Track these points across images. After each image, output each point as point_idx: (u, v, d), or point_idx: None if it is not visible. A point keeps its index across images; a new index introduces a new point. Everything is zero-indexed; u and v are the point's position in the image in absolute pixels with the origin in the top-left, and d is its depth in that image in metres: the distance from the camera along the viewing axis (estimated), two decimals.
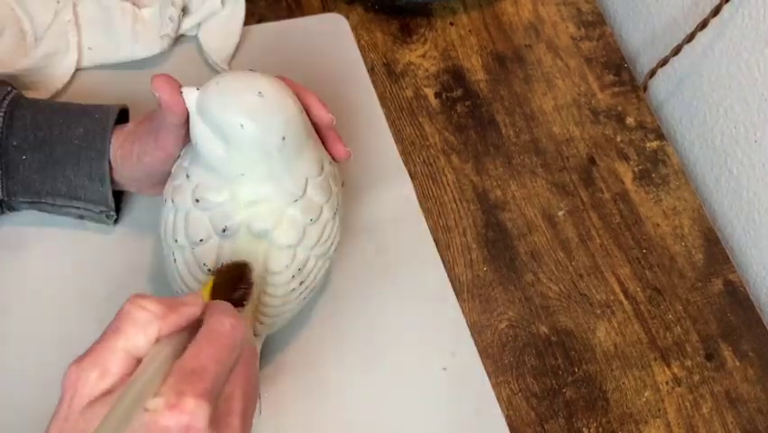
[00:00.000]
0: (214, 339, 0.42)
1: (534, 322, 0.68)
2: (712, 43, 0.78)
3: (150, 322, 0.42)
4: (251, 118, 0.50)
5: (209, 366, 0.41)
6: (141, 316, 0.42)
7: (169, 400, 0.39)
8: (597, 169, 0.77)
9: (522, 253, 0.71)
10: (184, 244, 0.54)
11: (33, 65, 0.69)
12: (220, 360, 0.42)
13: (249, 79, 0.52)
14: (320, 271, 0.58)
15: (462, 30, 0.82)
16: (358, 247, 0.68)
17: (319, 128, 0.57)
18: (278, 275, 0.55)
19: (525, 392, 0.65)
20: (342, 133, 0.74)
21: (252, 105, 0.51)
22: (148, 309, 0.42)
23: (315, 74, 0.76)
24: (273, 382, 0.62)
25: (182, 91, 0.52)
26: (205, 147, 0.52)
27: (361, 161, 0.72)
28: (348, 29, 0.79)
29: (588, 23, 0.85)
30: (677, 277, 0.72)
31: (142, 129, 0.58)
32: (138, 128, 0.59)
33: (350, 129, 0.74)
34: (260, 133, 0.51)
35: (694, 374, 0.68)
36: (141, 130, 0.58)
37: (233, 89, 0.51)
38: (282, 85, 0.53)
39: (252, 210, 0.53)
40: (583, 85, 0.81)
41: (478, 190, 0.74)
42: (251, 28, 0.77)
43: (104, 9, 0.70)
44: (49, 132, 0.59)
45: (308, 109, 0.56)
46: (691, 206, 0.76)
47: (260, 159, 0.52)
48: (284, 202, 0.54)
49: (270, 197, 0.53)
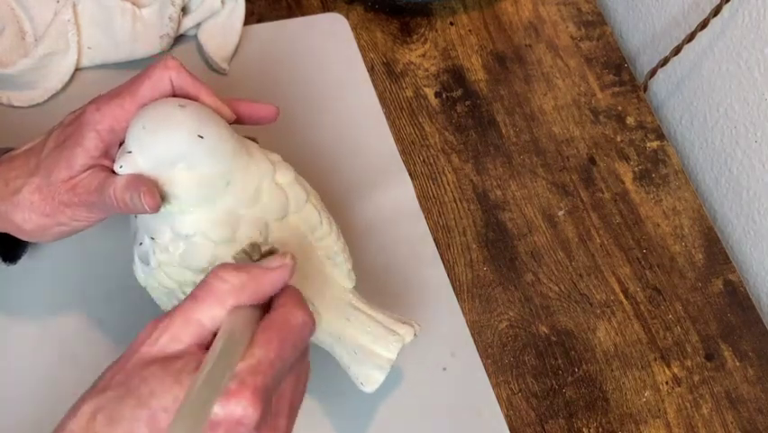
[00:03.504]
0: (285, 332, 0.41)
1: (534, 322, 0.68)
2: (712, 43, 0.78)
3: (229, 294, 0.41)
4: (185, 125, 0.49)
5: (275, 361, 0.40)
6: (220, 287, 0.42)
7: (230, 387, 0.38)
8: (597, 169, 0.77)
9: (522, 253, 0.71)
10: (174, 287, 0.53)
11: (33, 65, 0.69)
12: (285, 356, 0.41)
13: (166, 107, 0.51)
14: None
15: (462, 30, 0.82)
16: (358, 247, 0.68)
17: (242, 119, 0.55)
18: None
19: (525, 392, 0.65)
20: (342, 132, 0.74)
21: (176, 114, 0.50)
22: (227, 281, 0.42)
23: (314, 74, 0.76)
24: None
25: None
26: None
27: (361, 160, 0.72)
28: (348, 29, 0.79)
29: (588, 22, 0.85)
30: (677, 277, 0.72)
31: (63, 199, 0.52)
32: (51, 197, 0.52)
33: (350, 129, 0.74)
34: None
35: (694, 374, 0.68)
36: (59, 200, 0.52)
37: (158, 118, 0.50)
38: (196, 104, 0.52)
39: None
40: (583, 85, 0.81)
41: (478, 190, 0.74)
42: (251, 28, 0.77)
43: (104, 9, 0.70)
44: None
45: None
46: (691, 206, 0.76)
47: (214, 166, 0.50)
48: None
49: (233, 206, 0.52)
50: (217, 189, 0.51)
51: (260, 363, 0.39)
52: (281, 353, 0.41)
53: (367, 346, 0.55)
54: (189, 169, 0.49)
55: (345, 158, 0.72)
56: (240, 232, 0.51)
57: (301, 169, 0.56)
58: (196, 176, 0.50)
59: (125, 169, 0.49)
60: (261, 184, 0.52)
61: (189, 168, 0.49)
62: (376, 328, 0.55)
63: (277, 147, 0.56)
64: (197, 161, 0.49)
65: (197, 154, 0.49)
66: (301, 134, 0.72)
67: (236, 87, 0.73)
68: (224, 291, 0.42)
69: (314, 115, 0.74)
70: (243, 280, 0.42)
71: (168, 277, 0.52)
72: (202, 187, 0.50)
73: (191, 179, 0.50)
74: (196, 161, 0.49)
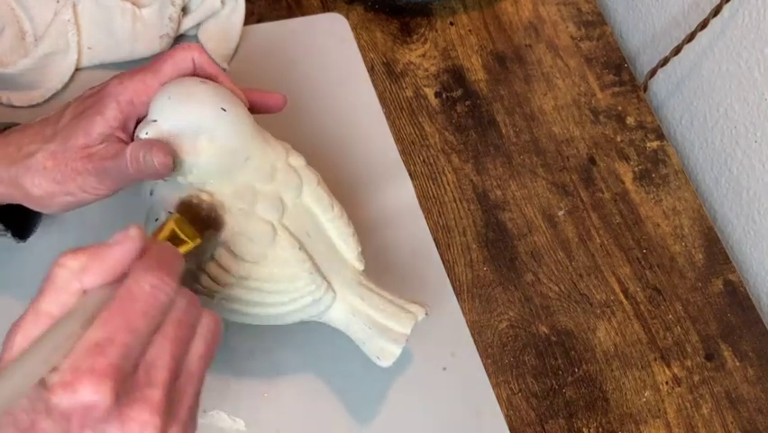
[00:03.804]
0: (127, 304, 0.39)
1: (534, 322, 0.68)
2: (712, 43, 0.78)
3: (71, 278, 0.40)
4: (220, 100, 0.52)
5: (117, 337, 0.38)
6: (60, 274, 0.40)
7: (64, 377, 0.36)
8: (597, 169, 0.77)
9: (522, 253, 0.71)
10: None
11: (33, 65, 0.69)
12: (133, 328, 0.38)
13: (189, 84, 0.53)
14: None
15: (462, 30, 0.82)
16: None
17: (254, 108, 0.57)
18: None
19: (525, 392, 0.65)
20: (342, 132, 0.74)
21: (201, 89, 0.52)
22: (66, 266, 0.40)
23: (314, 74, 0.76)
24: (273, 382, 0.62)
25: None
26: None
27: (361, 161, 0.72)
28: (348, 29, 0.79)
29: (588, 22, 0.85)
30: (677, 277, 0.72)
31: (77, 166, 0.52)
32: (65, 163, 0.52)
33: (350, 129, 0.74)
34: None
35: (694, 374, 0.68)
36: (72, 167, 0.52)
37: (185, 93, 0.52)
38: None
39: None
40: (583, 85, 0.81)
41: (478, 190, 0.74)
42: (251, 28, 0.77)
43: (103, 9, 0.70)
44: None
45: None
46: (691, 206, 0.76)
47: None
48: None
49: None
50: (237, 163, 0.53)
51: (98, 344, 0.37)
52: (128, 325, 0.38)
53: (381, 322, 0.56)
54: (211, 140, 0.51)
55: (345, 158, 0.72)
56: (257, 206, 0.53)
57: None
58: (217, 147, 0.52)
59: (150, 134, 0.51)
60: (276, 164, 0.55)
61: (211, 139, 0.51)
62: (388, 306, 0.57)
63: None
64: (219, 134, 0.52)
65: (220, 126, 0.52)
66: (301, 134, 0.72)
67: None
68: (65, 277, 0.40)
69: (314, 115, 0.74)
70: (83, 261, 0.40)
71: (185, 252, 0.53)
72: (223, 158, 0.52)
73: (213, 150, 0.52)
74: (219, 133, 0.52)
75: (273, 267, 0.54)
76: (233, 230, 0.53)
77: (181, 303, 0.41)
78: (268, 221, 0.54)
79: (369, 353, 0.57)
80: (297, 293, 0.54)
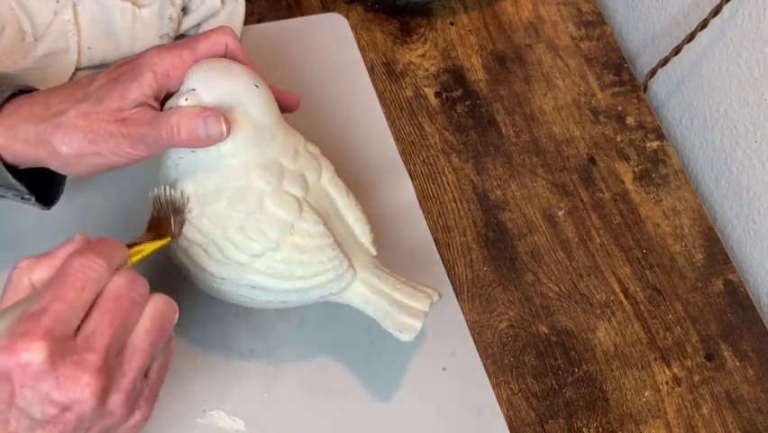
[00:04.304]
0: (59, 281, 0.43)
1: (534, 322, 0.68)
2: (712, 43, 0.78)
3: (21, 276, 0.45)
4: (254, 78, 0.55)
5: (51, 306, 0.42)
6: (15, 273, 0.45)
7: (1, 342, 0.41)
8: (597, 169, 0.77)
9: (522, 253, 0.71)
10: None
11: (33, 65, 0.69)
12: (64, 298, 0.42)
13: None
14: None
15: (462, 30, 0.82)
16: None
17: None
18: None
19: (525, 392, 0.65)
20: (342, 132, 0.74)
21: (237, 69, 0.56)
22: (20, 267, 0.45)
23: (314, 74, 0.76)
24: (273, 382, 0.62)
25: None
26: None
27: (361, 161, 0.72)
28: (348, 29, 0.79)
29: (588, 22, 0.85)
30: (677, 277, 0.72)
31: (110, 128, 0.52)
32: (98, 123, 0.52)
33: (350, 129, 0.74)
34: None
35: (694, 374, 0.68)
36: (106, 128, 0.52)
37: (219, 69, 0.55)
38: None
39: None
40: (583, 85, 0.81)
41: (478, 190, 0.74)
42: (251, 28, 0.77)
43: (104, 9, 0.70)
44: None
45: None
46: (691, 206, 0.76)
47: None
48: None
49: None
50: (265, 139, 0.55)
51: (32, 313, 0.41)
52: (59, 296, 0.42)
53: (400, 300, 0.58)
54: (246, 113, 0.54)
55: (345, 158, 0.72)
56: (284, 181, 0.55)
57: None
58: (250, 120, 0.55)
59: (190, 101, 0.53)
60: (298, 147, 0.58)
61: (246, 113, 0.54)
62: (404, 287, 0.58)
63: None
64: (253, 108, 0.55)
65: (254, 101, 0.55)
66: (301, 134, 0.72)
67: None
68: (18, 276, 0.45)
69: (313, 115, 0.74)
70: (31, 261, 0.45)
71: (211, 222, 0.54)
72: (254, 132, 0.55)
73: (246, 123, 0.54)
74: (252, 107, 0.55)
75: (299, 239, 0.55)
76: (261, 201, 0.55)
77: (119, 281, 0.44)
78: (294, 196, 0.56)
79: (389, 328, 0.58)
80: (321, 267, 0.56)
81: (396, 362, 0.64)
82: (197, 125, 0.52)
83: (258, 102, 0.55)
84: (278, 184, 0.55)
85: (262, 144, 0.55)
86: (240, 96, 0.54)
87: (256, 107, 0.55)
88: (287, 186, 0.55)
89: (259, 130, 0.55)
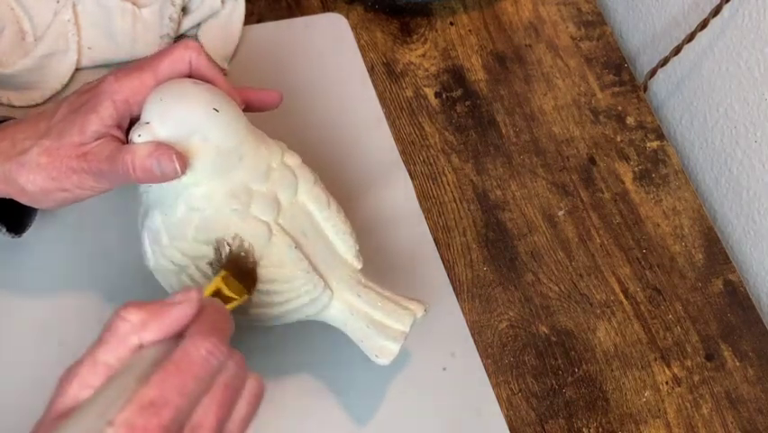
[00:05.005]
0: (184, 367, 0.40)
1: (534, 322, 0.68)
2: (712, 43, 0.78)
3: (130, 333, 0.41)
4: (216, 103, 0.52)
5: (172, 399, 0.39)
6: (121, 327, 0.41)
7: (117, 429, 0.37)
8: (597, 169, 0.77)
9: (522, 253, 0.71)
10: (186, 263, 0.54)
11: (33, 65, 0.69)
12: (186, 392, 0.39)
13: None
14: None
15: (462, 30, 0.82)
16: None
17: (250, 107, 0.57)
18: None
19: (525, 392, 0.65)
20: (342, 132, 0.74)
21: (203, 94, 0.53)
22: (128, 320, 0.41)
23: (315, 74, 0.76)
24: (273, 381, 0.62)
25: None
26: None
27: (361, 161, 0.72)
28: (348, 29, 0.79)
29: (588, 22, 0.85)
30: (677, 277, 0.72)
31: (72, 164, 0.52)
32: (60, 159, 0.52)
33: (350, 129, 0.74)
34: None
35: (694, 374, 0.68)
36: (68, 164, 0.52)
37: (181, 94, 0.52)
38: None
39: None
40: (583, 85, 0.81)
41: (478, 190, 0.74)
42: (251, 28, 0.77)
43: (104, 9, 0.70)
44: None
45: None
46: (691, 206, 0.76)
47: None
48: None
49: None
50: (231, 163, 0.53)
51: (152, 403, 0.38)
52: (182, 388, 0.39)
53: (379, 320, 0.56)
54: (204, 141, 0.51)
55: (345, 158, 0.72)
56: (252, 206, 0.53)
57: None
58: (211, 148, 0.52)
59: (144, 137, 0.51)
60: (271, 163, 0.55)
61: (204, 140, 0.51)
62: (387, 304, 0.56)
63: None
64: (213, 134, 0.52)
65: (213, 127, 0.52)
66: (301, 134, 0.72)
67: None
68: (125, 331, 0.41)
69: (313, 115, 0.74)
70: (143, 317, 0.41)
71: (180, 253, 0.53)
72: (216, 158, 0.52)
73: (206, 151, 0.52)
74: (212, 133, 0.52)
75: (270, 267, 0.54)
76: (227, 229, 0.53)
77: (231, 367, 0.42)
78: (263, 221, 0.53)
79: (367, 351, 0.57)
80: (294, 293, 0.54)
81: (396, 362, 0.64)
82: (151, 164, 0.50)
83: (218, 127, 0.52)
84: (245, 210, 0.53)
85: (228, 168, 0.53)
86: (197, 124, 0.51)
87: (216, 133, 0.52)
88: (255, 211, 0.53)
89: (222, 155, 0.52)
